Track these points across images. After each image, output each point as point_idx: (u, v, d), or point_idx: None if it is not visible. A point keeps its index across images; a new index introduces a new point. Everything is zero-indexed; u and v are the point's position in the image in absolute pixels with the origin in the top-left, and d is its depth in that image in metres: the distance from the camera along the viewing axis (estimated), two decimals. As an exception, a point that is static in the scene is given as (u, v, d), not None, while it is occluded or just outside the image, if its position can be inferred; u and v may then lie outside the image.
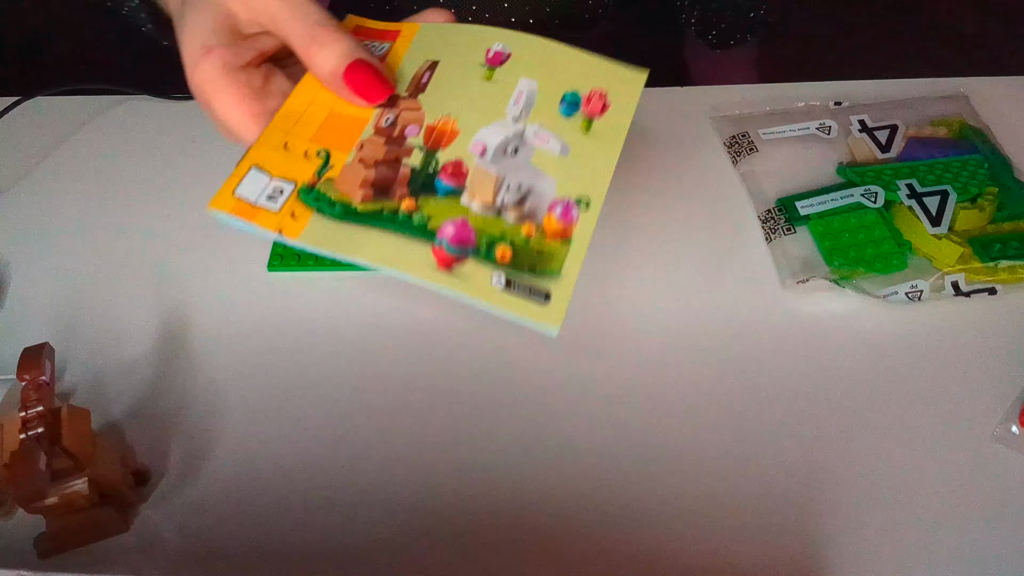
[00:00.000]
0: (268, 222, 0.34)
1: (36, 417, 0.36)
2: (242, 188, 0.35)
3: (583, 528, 0.39)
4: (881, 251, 0.47)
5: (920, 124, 0.53)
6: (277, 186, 0.35)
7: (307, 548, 0.39)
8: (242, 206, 0.34)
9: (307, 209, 0.34)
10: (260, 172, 0.35)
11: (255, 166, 0.36)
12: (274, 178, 0.35)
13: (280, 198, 0.35)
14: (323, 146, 0.37)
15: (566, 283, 0.33)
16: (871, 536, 0.38)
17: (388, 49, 0.40)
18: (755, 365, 0.44)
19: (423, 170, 0.36)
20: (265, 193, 0.35)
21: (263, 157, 0.36)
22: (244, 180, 0.35)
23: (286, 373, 0.45)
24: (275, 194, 0.35)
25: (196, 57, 0.38)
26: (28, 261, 0.51)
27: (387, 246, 0.34)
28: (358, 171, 0.36)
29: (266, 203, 0.35)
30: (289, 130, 0.37)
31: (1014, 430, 0.41)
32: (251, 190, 0.35)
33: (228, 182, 0.35)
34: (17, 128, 0.57)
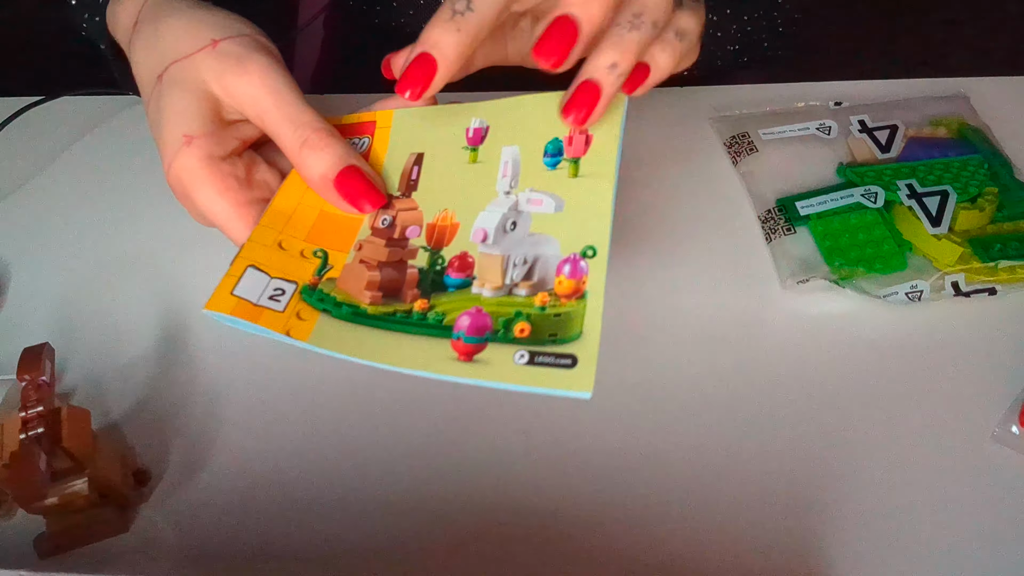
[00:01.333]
0: (274, 323, 0.33)
1: (36, 417, 0.36)
2: (241, 288, 0.34)
3: (583, 528, 0.39)
4: (881, 251, 0.47)
5: (920, 124, 0.53)
6: (278, 286, 0.34)
7: (307, 548, 0.39)
8: (244, 306, 0.33)
9: (313, 310, 0.34)
10: (258, 272, 0.35)
11: (252, 266, 0.35)
12: (273, 278, 0.34)
13: (283, 298, 0.34)
14: (319, 246, 0.36)
15: (590, 342, 0.32)
16: (870, 536, 0.38)
17: (369, 144, 0.39)
18: (754, 365, 0.44)
19: (431, 269, 0.35)
20: (266, 294, 0.34)
21: (258, 256, 0.35)
22: (242, 280, 0.34)
23: (286, 373, 0.45)
24: (277, 294, 0.34)
25: (176, 146, 0.36)
26: (28, 261, 0.51)
27: (404, 347, 0.33)
28: (361, 272, 0.35)
29: (269, 303, 0.34)
30: (281, 229, 0.36)
31: (1014, 430, 0.41)
32: (251, 290, 0.34)
33: (224, 282, 0.34)
34: (18, 129, 0.57)
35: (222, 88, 0.37)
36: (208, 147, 0.36)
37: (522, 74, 0.42)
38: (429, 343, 0.33)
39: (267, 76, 0.36)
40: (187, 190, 0.36)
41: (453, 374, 0.32)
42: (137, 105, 0.60)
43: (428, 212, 0.37)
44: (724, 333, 0.46)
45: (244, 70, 0.36)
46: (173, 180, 0.36)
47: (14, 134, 0.57)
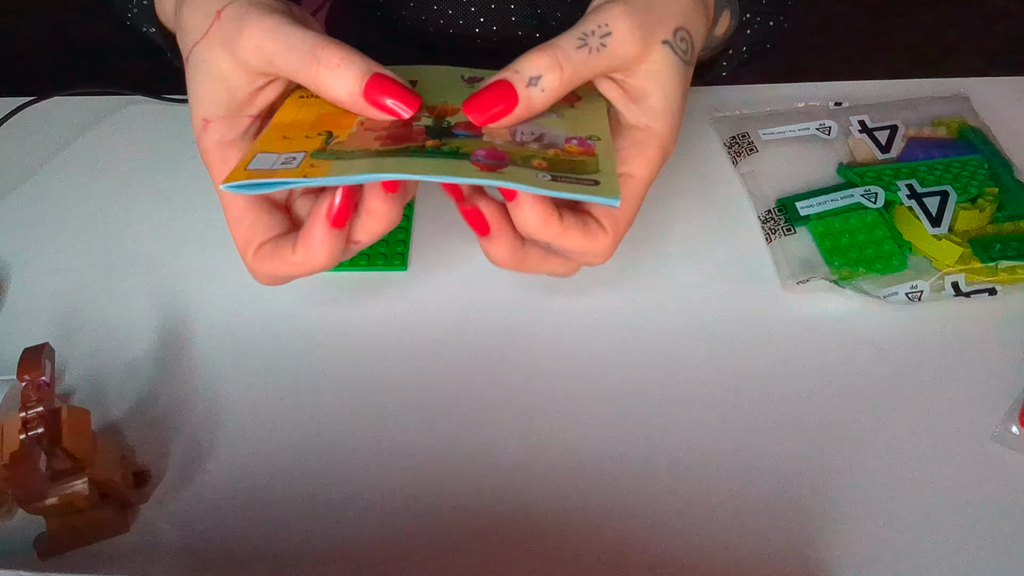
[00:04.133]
0: (289, 174, 0.33)
1: (36, 417, 0.36)
2: (254, 164, 0.34)
3: (583, 528, 0.39)
4: (881, 251, 0.47)
5: (920, 124, 0.53)
6: (288, 157, 0.34)
7: (307, 548, 0.39)
8: (258, 173, 0.33)
9: (326, 161, 0.33)
10: (267, 153, 0.34)
11: (260, 152, 0.35)
12: (283, 153, 0.34)
13: (294, 162, 0.33)
14: (318, 131, 0.36)
15: (609, 170, 0.33)
16: (871, 536, 0.38)
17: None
18: (755, 365, 0.44)
19: (437, 126, 0.35)
20: (279, 162, 0.34)
21: (266, 145, 0.35)
22: (254, 160, 0.34)
23: (286, 373, 0.45)
24: (288, 160, 0.34)
25: (198, 130, 0.38)
26: (28, 261, 0.51)
27: (426, 163, 0.32)
28: (366, 135, 0.34)
29: (282, 167, 0.33)
30: (284, 131, 0.36)
31: (1014, 430, 0.41)
32: (263, 163, 0.34)
33: (238, 165, 0.34)
34: (17, 129, 0.57)
35: (232, 56, 0.37)
36: (220, 131, 0.38)
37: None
38: (450, 161, 0.32)
39: (263, 24, 0.36)
40: (208, 167, 0.38)
41: (480, 178, 0.32)
42: (135, 104, 0.60)
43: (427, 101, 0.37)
44: (724, 333, 0.46)
45: (242, 30, 0.36)
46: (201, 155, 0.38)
47: (13, 134, 0.57)
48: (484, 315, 0.47)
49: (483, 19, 0.63)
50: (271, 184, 0.33)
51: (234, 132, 0.38)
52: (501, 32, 0.64)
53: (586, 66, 0.35)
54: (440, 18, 0.63)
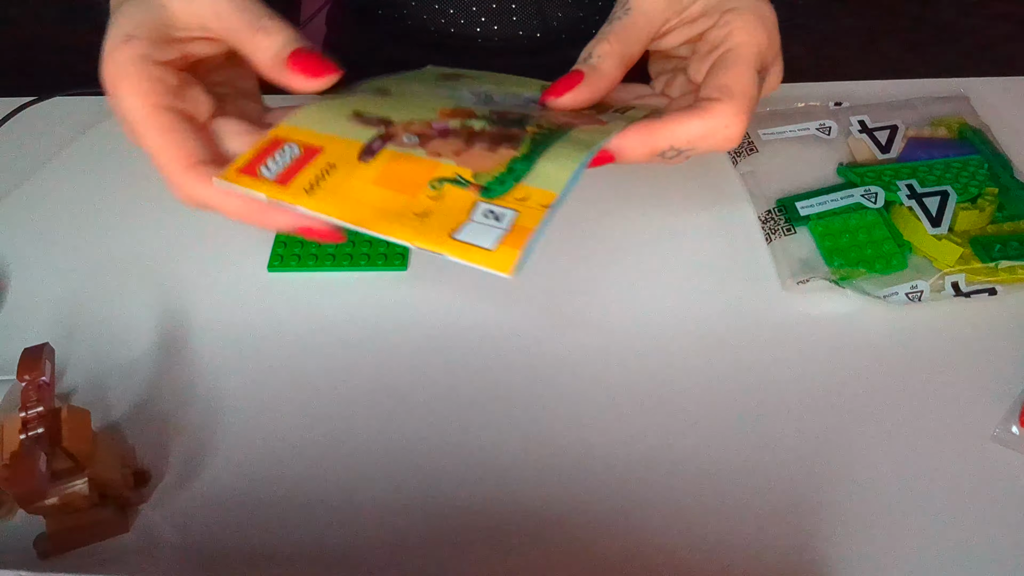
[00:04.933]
0: (536, 215, 0.33)
1: (36, 417, 0.36)
2: (484, 240, 0.32)
3: (582, 528, 0.39)
4: (881, 251, 0.47)
5: (920, 124, 0.53)
6: (483, 211, 0.33)
7: (308, 548, 0.39)
8: (513, 240, 0.32)
9: (519, 187, 0.34)
10: (462, 228, 0.33)
11: (453, 233, 0.33)
12: (471, 219, 0.33)
13: (502, 210, 0.33)
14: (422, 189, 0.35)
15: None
16: (871, 536, 0.38)
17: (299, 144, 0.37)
18: (755, 366, 0.44)
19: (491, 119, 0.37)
20: (490, 222, 0.33)
21: (441, 229, 0.33)
22: (476, 239, 0.33)
23: (286, 373, 0.45)
24: (496, 215, 0.33)
25: (115, 44, 0.36)
26: (28, 261, 0.51)
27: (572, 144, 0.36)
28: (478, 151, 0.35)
29: (508, 220, 0.33)
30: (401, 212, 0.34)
31: (1014, 430, 0.41)
32: (487, 234, 0.33)
33: (474, 258, 0.32)
34: (17, 129, 0.57)
35: (182, 4, 0.37)
36: (144, 48, 0.36)
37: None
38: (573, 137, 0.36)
39: None
40: (112, 86, 0.36)
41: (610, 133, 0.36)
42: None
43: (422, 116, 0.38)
44: (724, 333, 0.46)
45: None
46: (105, 76, 0.36)
47: (13, 134, 0.57)
48: (484, 315, 0.47)
49: (484, 19, 0.63)
50: (537, 240, 0.32)
51: (159, 55, 0.37)
52: (502, 32, 0.64)
53: (625, 29, 0.38)
54: (441, 17, 0.63)
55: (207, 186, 0.36)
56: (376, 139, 0.36)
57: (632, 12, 0.39)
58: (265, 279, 0.49)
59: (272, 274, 0.50)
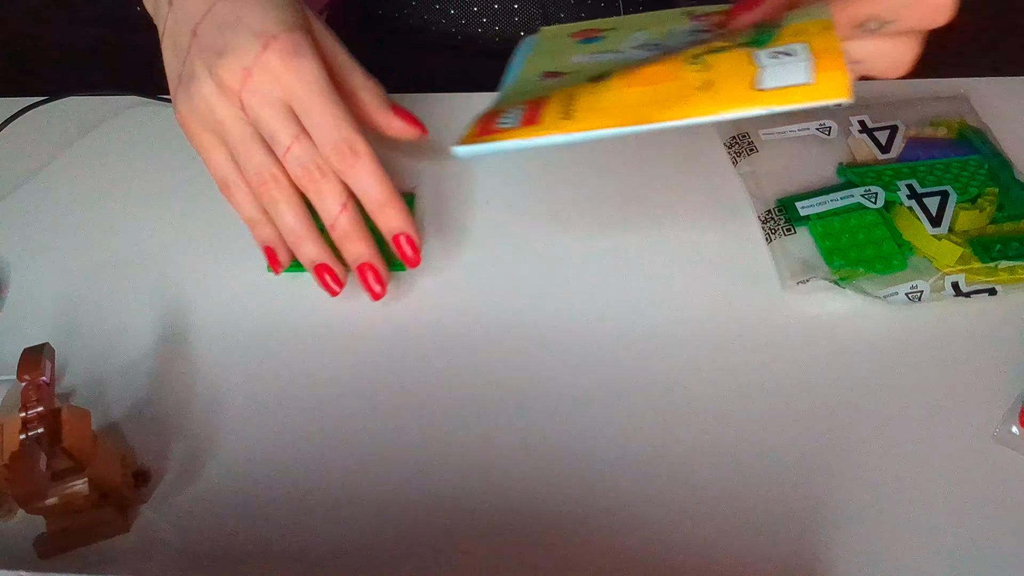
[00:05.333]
0: (831, 41, 0.30)
1: (36, 418, 0.36)
2: (771, 79, 0.30)
3: (582, 528, 0.39)
4: (881, 252, 0.47)
5: (920, 124, 0.53)
6: (771, 54, 0.30)
7: (307, 548, 0.39)
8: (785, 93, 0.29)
9: (789, 30, 0.31)
10: (770, 70, 0.30)
11: (756, 87, 0.30)
12: (763, 67, 0.30)
13: (795, 51, 0.30)
14: (686, 63, 0.31)
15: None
16: (870, 536, 0.38)
17: (525, 107, 0.35)
18: (755, 366, 0.44)
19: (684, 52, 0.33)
20: (787, 60, 0.30)
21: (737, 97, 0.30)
22: (763, 75, 0.29)
23: (287, 373, 0.45)
24: (788, 53, 0.30)
25: (297, 23, 0.42)
26: (28, 261, 0.51)
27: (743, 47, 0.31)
28: (716, 44, 0.32)
29: (794, 60, 0.30)
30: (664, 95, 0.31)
31: (1014, 430, 0.41)
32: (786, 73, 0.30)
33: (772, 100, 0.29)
34: (17, 130, 0.57)
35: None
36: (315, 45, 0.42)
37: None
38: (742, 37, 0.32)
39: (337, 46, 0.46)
40: (299, 52, 0.41)
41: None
42: (136, 106, 0.60)
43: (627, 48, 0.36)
44: (724, 334, 0.46)
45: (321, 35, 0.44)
46: (291, 39, 0.41)
47: (14, 134, 0.57)
48: (484, 316, 0.47)
49: (486, 19, 0.63)
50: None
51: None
52: (504, 32, 0.64)
53: None
54: (442, 18, 0.63)
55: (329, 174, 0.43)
56: (599, 74, 0.33)
57: None
58: (266, 279, 0.49)
59: (272, 274, 0.50)
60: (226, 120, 0.42)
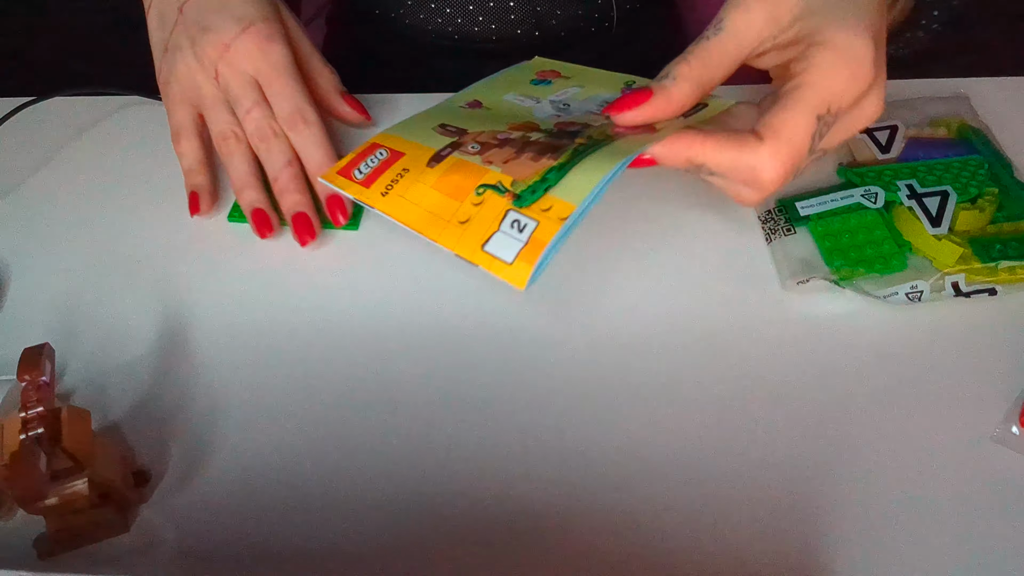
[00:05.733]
0: (551, 229, 0.34)
1: (36, 418, 0.36)
2: (506, 254, 0.35)
3: (581, 528, 0.39)
4: (881, 252, 0.47)
5: (920, 124, 0.53)
6: (510, 221, 0.35)
7: (308, 549, 0.39)
8: (528, 252, 0.35)
9: (545, 197, 0.35)
10: (491, 239, 0.35)
11: (483, 244, 0.35)
12: (500, 228, 0.35)
13: (525, 220, 0.35)
14: (468, 194, 0.37)
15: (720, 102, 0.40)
16: (870, 537, 0.38)
17: (388, 151, 0.41)
18: (755, 366, 0.44)
19: (550, 133, 0.39)
20: (515, 234, 0.35)
21: (474, 240, 0.36)
22: (499, 253, 0.35)
23: (287, 373, 0.45)
24: (520, 225, 0.35)
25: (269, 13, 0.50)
26: (28, 261, 0.51)
27: (609, 153, 0.37)
28: (522, 161, 0.37)
29: (527, 232, 0.35)
30: (447, 220, 0.37)
31: (1014, 431, 0.41)
32: (510, 246, 0.35)
33: (496, 269, 0.35)
34: (17, 129, 0.57)
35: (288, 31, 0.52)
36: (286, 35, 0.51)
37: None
38: (614, 144, 0.37)
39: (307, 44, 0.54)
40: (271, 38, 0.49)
41: (650, 141, 0.37)
42: (135, 105, 0.60)
43: (493, 128, 0.41)
44: (724, 334, 0.46)
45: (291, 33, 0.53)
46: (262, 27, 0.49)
47: (13, 134, 0.57)
48: (485, 315, 0.47)
49: (481, 18, 0.63)
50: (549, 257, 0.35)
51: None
52: (500, 31, 0.64)
53: (710, 51, 0.37)
54: (438, 17, 0.63)
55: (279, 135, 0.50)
56: (447, 147, 0.40)
57: (723, 33, 0.37)
58: (266, 279, 0.49)
59: (272, 274, 0.50)
60: (202, 85, 0.49)
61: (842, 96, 0.36)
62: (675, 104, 0.37)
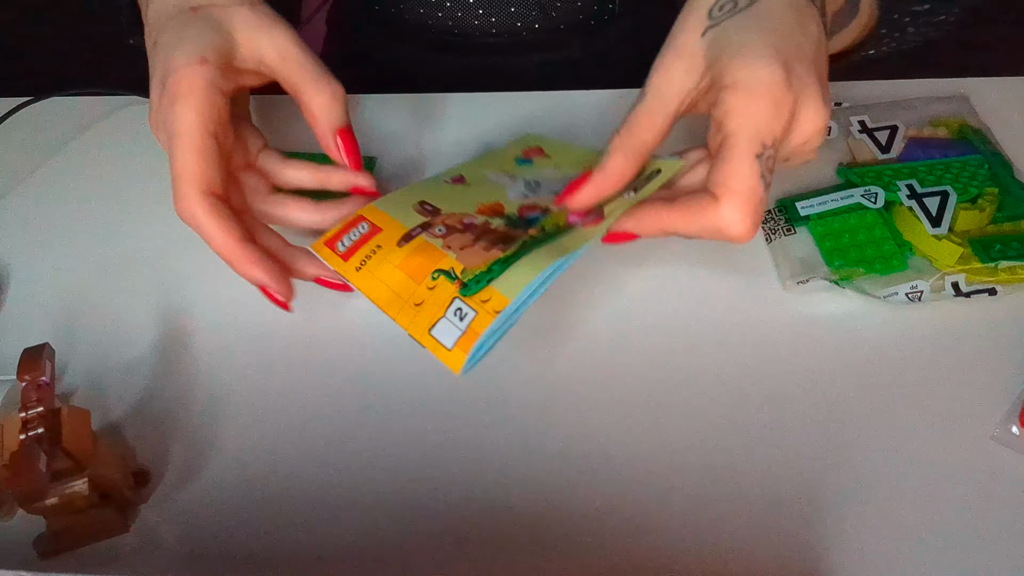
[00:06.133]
0: (486, 321, 0.37)
1: (36, 418, 0.36)
2: (447, 339, 0.37)
3: (582, 528, 0.39)
4: (881, 252, 0.47)
5: (920, 125, 0.53)
6: (453, 309, 0.38)
7: (307, 549, 0.39)
8: (465, 340, 0.37)
9: (486, 289, 0.37)
10: (437, 324, 0.38)
11: (431, 328, 0.38)
12: (445, 315, 0.38)
13: (466, 309, 0.37)
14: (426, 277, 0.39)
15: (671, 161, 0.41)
16: (870, 536, 0.38)
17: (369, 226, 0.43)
18: (755, 366, 0.44)
19: (511, 220, 0.41)
20: (456, 322, 0.37)
21: (423, 323, 0.38)
22: (441, 338, 0.37)
23: (287, 373, 0.45)
24: (461, 314, 0.38)
25: (188, 60, 0.39)
26: (28, 261, 0.51)
27: (556, 247, 0.38)
28: (474, 251, 0.39)
29: (467, 321, 0.37)
30: (405, 301, 0.39)
31: (1014, 430, 0.41)
32: (451, 332, 0.37)
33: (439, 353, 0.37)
34: (16, 129, 0.57)
35: (248, 38, 0.41)
36: (214, 74, 0.39)
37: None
38: (566, 236, 0.39)
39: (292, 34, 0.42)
40: (173, 96, 0.39)
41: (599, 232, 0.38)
42: (135, 104, 0.60)
43: (466, 211, 0.42)
44: (724, 333, 0.46)
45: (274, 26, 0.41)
46: (172, 82, 0.39)
47: (12, 134, 0.57)
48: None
49: (482, 11, 0.63)
50: (487, 345, 0.37)
51: (227, 83, 0.40)
52: (501, 24, 0.64)
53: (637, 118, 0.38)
54: (438, 10, 0.63)
55: (208, 214, 0.40)
56: (417, 227, 0.41)
57: (646, 98, 0.38)
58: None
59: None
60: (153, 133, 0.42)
61: (770, 129, 0.35)
62: (613, 177, 0.38)
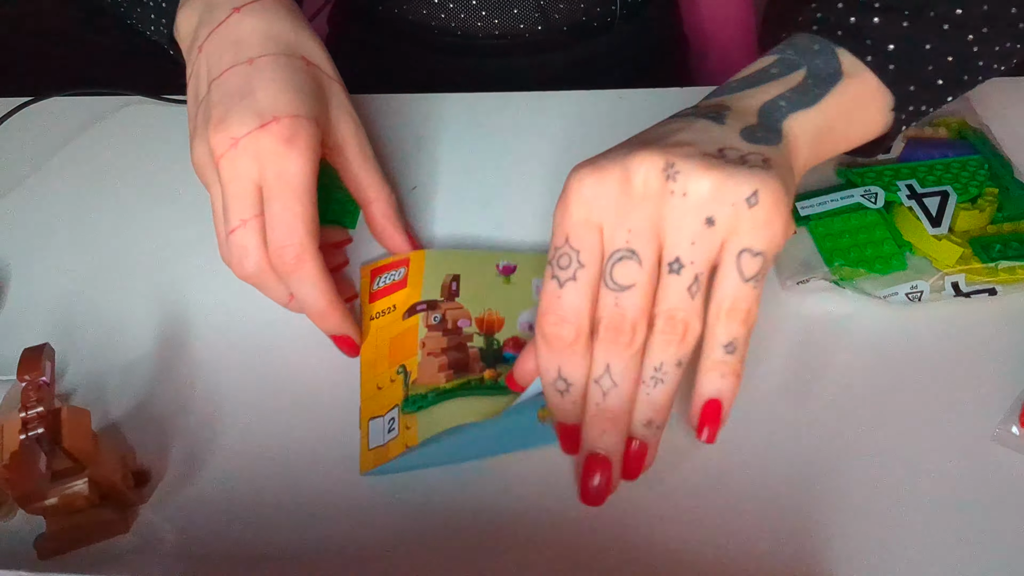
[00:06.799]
0: (398, 448, 0.39)
1: (36, 418, 0.36)
2: (372, 440, 0.41)
3: (581, 528, 0.39)
4: (881, 252, 0.47)
5: (920, 124, 0.53)
6: (389, 418, 0.41)
7: (307, 548, 0.39)
8: (379, 453, 0.40)
9: (412, 416, 0.40)
10: (375, 419, 0.41)
11: (371, 419, 0.41)
12: (384, 416, 0.41)
13: (395, 424, 0.40)
14: (397, 364, 0.42)
15: None
16: (870, 537, 0.38)
17: (405, 272, 0.46)
18: (754, 366, 0.44)
19: (489, 348, 0.42)
20: (385, 429, 0.40)
21: (371, 409, 0.42)
22: (370, 435, 0.41)
23: (287, 373, 0.45)
24: (391, 425, 0.40)
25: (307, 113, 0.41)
26: (28, 261, 0.51)
27: (493, 404, 0.40)
28: (431, 363, 0.41)
29: (389, 436, 0.40)
30: (375, 375, 0.43)
31: (1014, 431, 0.41)
32: (377, 436, 0.40)
33: (362, 444, 0.41)
34: (16, 129, 0.57)
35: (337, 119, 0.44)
36: (319, 143, 0.41)
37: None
38: (505, 399, 0.40)
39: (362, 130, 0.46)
40: (294, 143, 0.40)
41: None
42: (135, 104, 0.60)
43: (473, 310, 0.44)
44: (724, 333, 0.46)
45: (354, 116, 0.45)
46: (289, 125, 0.39)
47: (12, 134, 0.57)
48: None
49: (484, 12, 0.63)
50: (394, 467, 0.39)
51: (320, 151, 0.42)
52: (503, 26, 0.64)
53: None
54: (441, 12, 0.63)
55: (318, 266, 0.41)
56: (424, 303, 0.44)
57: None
58: (265, 279, 0.49)
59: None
60: (209, 182, 0.42)
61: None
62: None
